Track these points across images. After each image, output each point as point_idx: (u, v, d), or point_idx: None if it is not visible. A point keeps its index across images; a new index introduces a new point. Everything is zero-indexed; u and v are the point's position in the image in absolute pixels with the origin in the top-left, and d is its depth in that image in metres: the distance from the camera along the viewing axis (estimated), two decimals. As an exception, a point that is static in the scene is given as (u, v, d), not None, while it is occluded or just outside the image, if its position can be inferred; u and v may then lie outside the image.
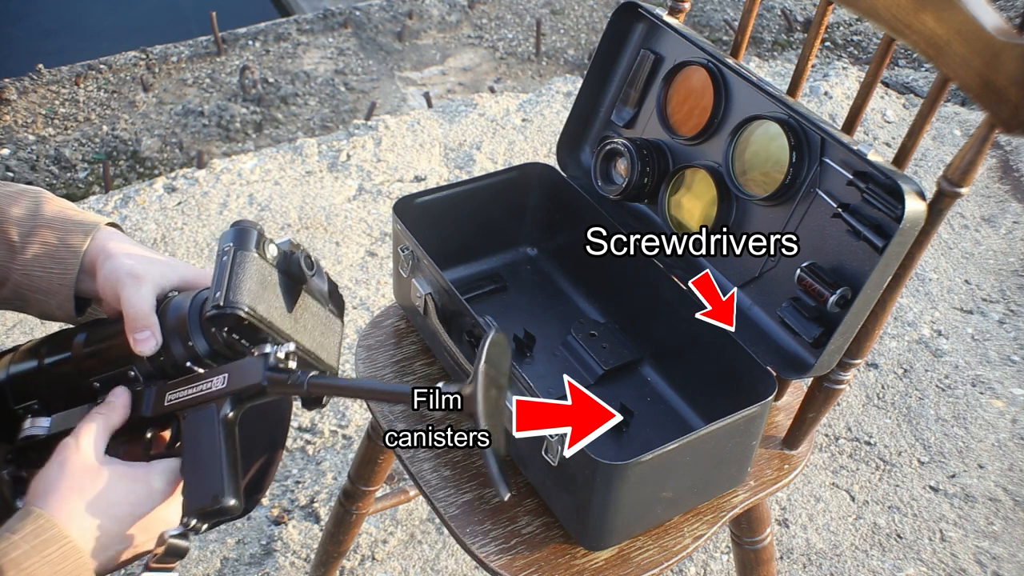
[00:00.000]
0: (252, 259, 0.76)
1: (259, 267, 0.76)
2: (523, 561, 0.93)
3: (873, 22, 0.92)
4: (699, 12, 3.52)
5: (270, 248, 0.78)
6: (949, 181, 0.86)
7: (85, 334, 0.83)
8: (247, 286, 0.75)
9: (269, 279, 0.77)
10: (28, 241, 0.84)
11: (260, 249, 0.77)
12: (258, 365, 0.74)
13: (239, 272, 0.75)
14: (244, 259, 0.75)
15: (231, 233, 0.77)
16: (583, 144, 1.21)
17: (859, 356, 0.97)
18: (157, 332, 0.79)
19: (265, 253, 0.78)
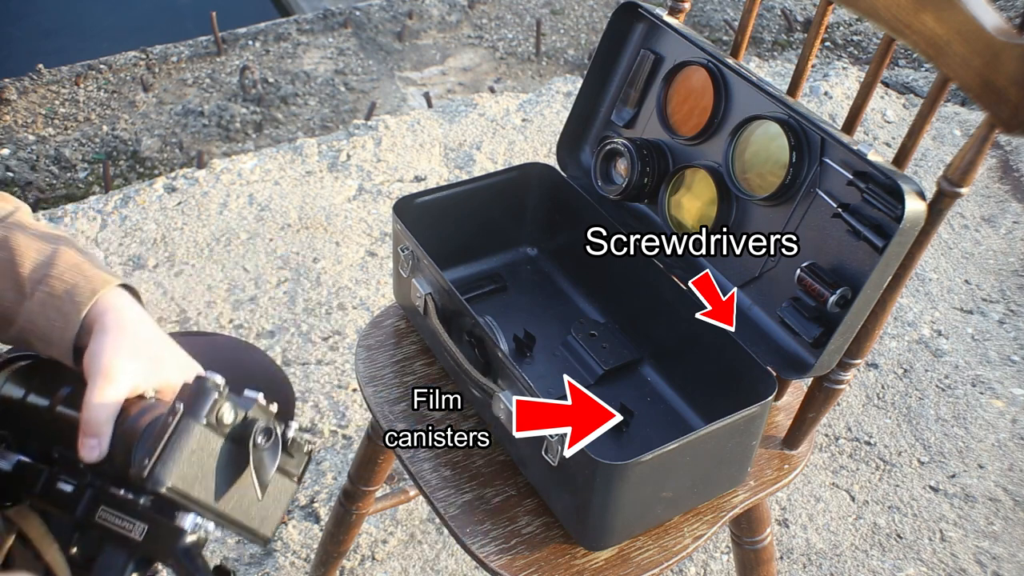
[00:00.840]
0: (195, 431, 0.71)
1: (201, 440, 0.72)
2: (523, 561, 0.93)
3: (873, 22, 0.92)
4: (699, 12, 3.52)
5: (226, 414, 0.73)
6: (949, 181, 0.86)
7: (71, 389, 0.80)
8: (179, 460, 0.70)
9: (209, 454, 0.72)
10: (37, 288, 0.83)
11: (212, 416, 0.72)
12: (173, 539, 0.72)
13: (176, 443, 0.70)
14: (187, 429, 0.71)
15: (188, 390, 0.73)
16: (583, 144, 1.21)
17: (859, 356, 0.97)
18: (104, 444, 0.76)
19: (220, 419, 0.73)
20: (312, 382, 1.90)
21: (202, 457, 0.72)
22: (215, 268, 2.14)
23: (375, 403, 1.09)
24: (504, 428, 0.96)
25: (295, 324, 2.02)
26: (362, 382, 1.12)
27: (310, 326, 2.01)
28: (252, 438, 0.74)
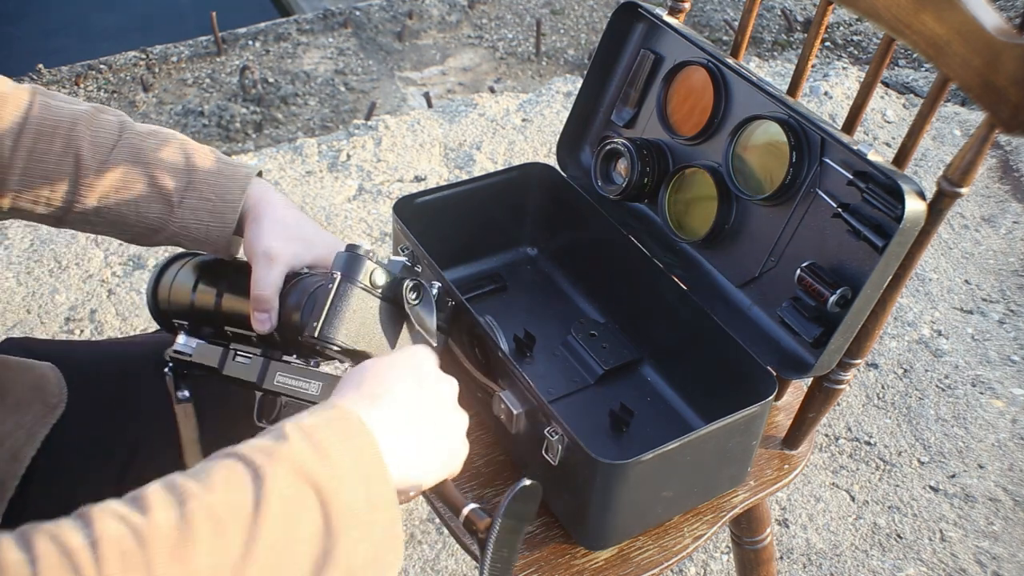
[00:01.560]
0: (355, 292, 0.79)
1: (361, 299, 0.80)
2: (523, 561, 0.93)
3: (873, 22, 0.92)
4: (699, 12, 3.52)
5: (377, 276, 0.81)
6: (949, 181, 0.86)
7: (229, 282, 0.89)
8: (344, 319, 0.79)
9: (370, 311, 0.81)
10: (185, 195, 0.88)
11: (367, 278, 0.80)
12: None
13: (339, 304, 0.78)
14: (347, 292, 0.79)
15: (341, 259, 0.80)
16: (583, 144, 1.21)
17: (859, 356, 0.97)
18: (274, 316, 0.84)
19: (373, 282, 0.80)
20: (312, 382, 1.89)
21: (363, 315, 0.80)
22: (215, 268, 2.14)
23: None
24: (504, 428, 0.96)
25: (295, 324, 2.02)
26: (362, 382, 1.12)
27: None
28: (405, 294, 0.82)
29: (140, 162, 0.87)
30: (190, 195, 0.88)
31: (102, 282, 2.09)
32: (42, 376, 0.91)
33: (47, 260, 2.13)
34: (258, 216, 0.88)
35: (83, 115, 0.87)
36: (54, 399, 0.90)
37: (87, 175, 0.86)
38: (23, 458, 0.87)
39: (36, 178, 0.86)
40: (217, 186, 0.89)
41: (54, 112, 0.87)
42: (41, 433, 0.88)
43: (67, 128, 0.86)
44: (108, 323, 1.99)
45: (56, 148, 0.86)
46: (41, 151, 0.86)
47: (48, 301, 2.04)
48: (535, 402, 0.90)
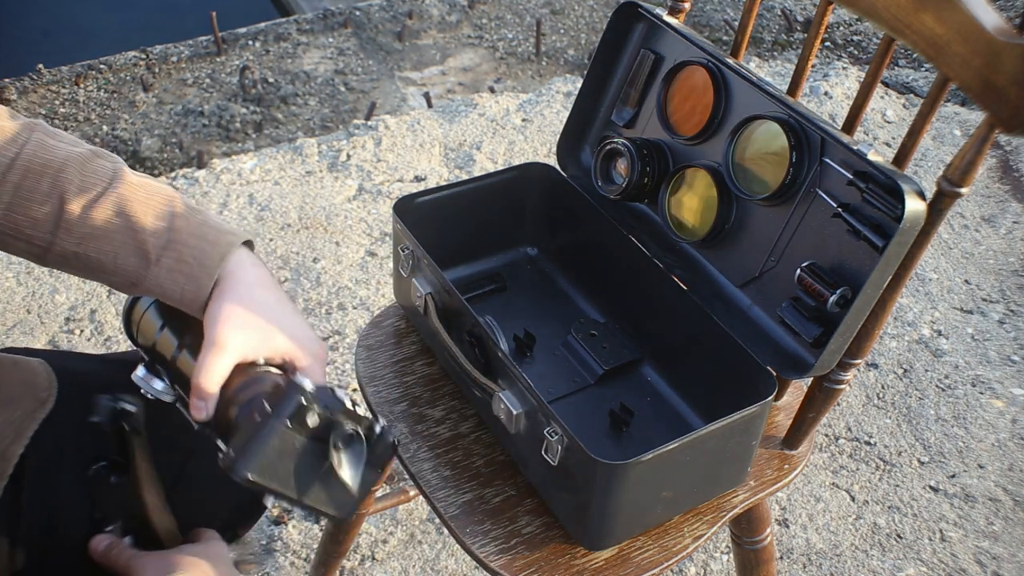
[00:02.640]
0: (278, 431, 0.76)
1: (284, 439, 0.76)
2: (523, 561, 0.93)
3: (873, 22, 0.92)
4: (699, 12, 3.52)
5: (309, 418, 0.77)
6: (949, 181, 0.86)
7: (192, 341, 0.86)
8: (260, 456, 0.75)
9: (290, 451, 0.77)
10: (164, 254, 0.85)
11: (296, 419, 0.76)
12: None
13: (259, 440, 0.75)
14: (271, 429, 0.76)
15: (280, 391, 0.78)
16: (583, 144, 1.21)
17: (859, 356, 0.97)
18: (211, 407, 0.81)
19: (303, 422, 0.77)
20: (312, 382, 1.89)
21: (283, 454, 0.76)
22: (215, 268, 2.14)
23: (375, 403, 1.09)
24: (504, 428, 0.96)
25: (295, 324, 2.01)
26: (362, 382, 1.12)
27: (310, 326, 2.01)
28: (333, 442, 0.78)
29: (123, 213, 0.85)
30: (168, 255, 0.85)
31: (102, 282, 2.09)
32: (32, 371, 0.91)
33: (47, 260, 2.13)
34: (222, 293, 0.85)
35: (76, 158, 0.86)
36: (44, 393, 0.90)
37: (69, 218, 0.84)
38: (11, 456, 0.86)
39: (19, 215, 0.84)
40: (197, 250, 0.85)
41: (48, 151, 0.85)
42: (30, 429, 0.88)
43: (56, 169, 0.85)
44: (108, 323, 1.99)
45: (43, 188, 0.84)
46: (27, 189, 0.84)
47: (48, 301, 2.04)
48: (535, 402, 0.90)
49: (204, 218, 0.88)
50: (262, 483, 0.76)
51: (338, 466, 0.79)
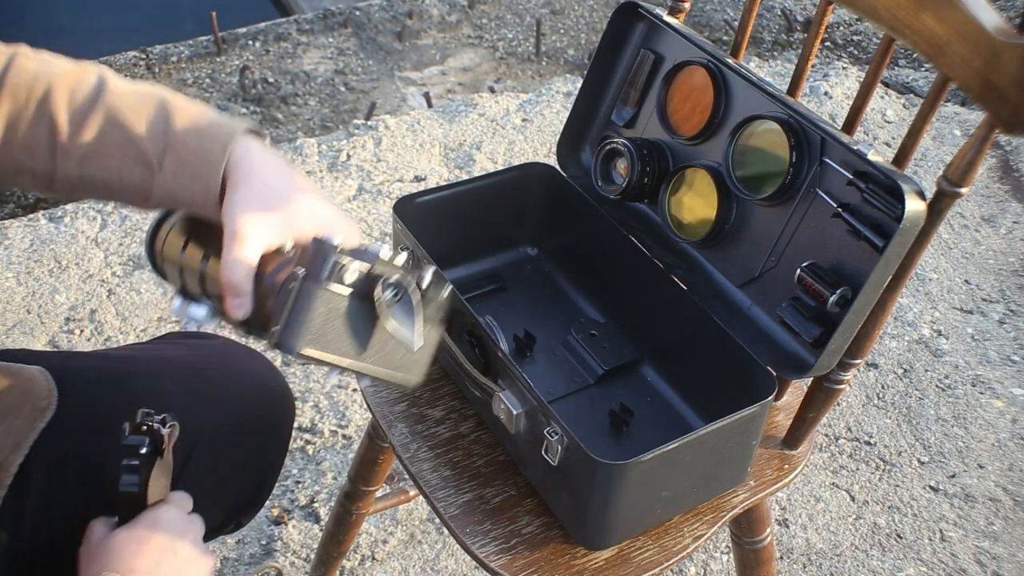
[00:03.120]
0: (319, 295, 0.71)
1: (326, 302, 0.71)
2: (523, 561, 0.93)
3: (873, 22, 0.92)
4: (699, 12, 3.52)
5: (347, 274, 0.72)
6: (949, 181, 0.86)
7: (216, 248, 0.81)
8: (307, 326, 0.70)
9: (337, 314, 0.72)
10: (165, 158, 0.81)
11: (333, 277, 0.71)
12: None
13: (302, 309, 0.70)
14: (310, 293, 0.70)
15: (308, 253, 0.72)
16: (583, 144, 1.21)
17: (859, 356, 0.97)
18: (247, 302, 0.78)
19: (342, 280, 0.72)
20: (312, 382, 1.90)
21: (330, 319, 0.71)
22: (215, 268, 2.14)
23: (375, 403, 1.09)
24: (504, 428, 0.96)
25: (295, 324, 2.01)
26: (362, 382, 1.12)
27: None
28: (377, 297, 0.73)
29: (116, 124, 0.81)
30: (169, 158, 0.81)
31: (102, 282, 2.09)
32: (31, 380, 0.90)
33: (47, 260, 2.13)
34: (235, 184, 0.80)
35: (60, 77, 0.82)
36: (43, 402, 0.89)
37: (63, 141, 0.81)
38: (9, 466, 0.86)
39: (14, 146, 0.81)
40: (197, 148, 0.81)
41: (30, 74, 0.81)
42: (29, 439, 0.87)
43: (42, 91, 0.81)
44: (108, 323, 1.99)
45: (30, 114, 0.81)
46: (15, 117, 0.81)
47: (48, 301, 2.04)
48: (535, 402, 0.90)
49: (200, 112, 0.83)
50: (317, 355, 0.71)
51: (390, 322, 0.73)
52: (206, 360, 1.04)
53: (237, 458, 1.01)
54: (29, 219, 2.24)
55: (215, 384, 1.01)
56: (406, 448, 1.04)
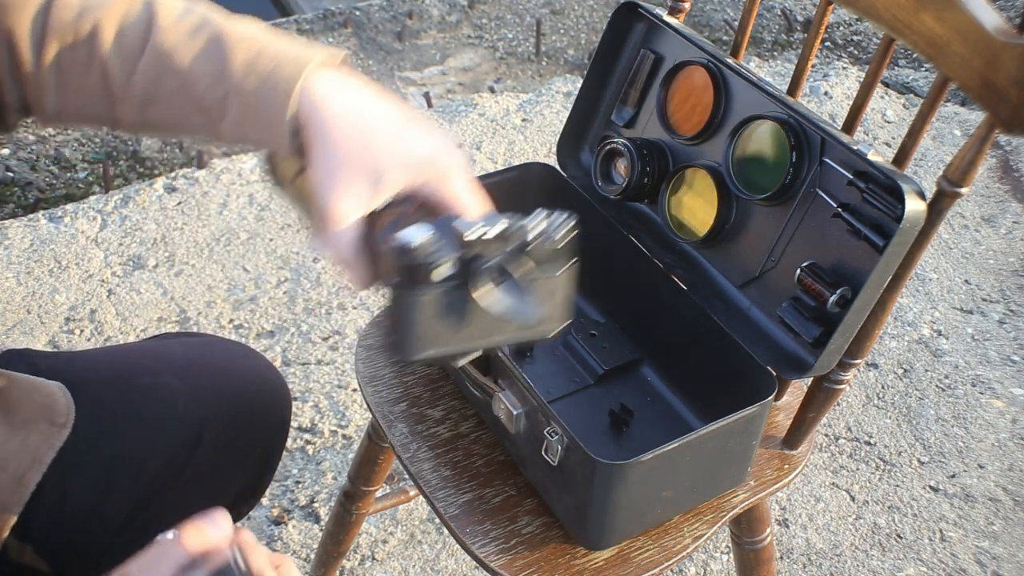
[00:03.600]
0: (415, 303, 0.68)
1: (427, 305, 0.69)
2: (523, 561, 0.93)
3: (873, 22, 0.92)
4: (699, 12, 3.52)
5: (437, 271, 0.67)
6: (949, 181, 0.86)
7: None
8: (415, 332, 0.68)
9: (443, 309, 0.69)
10: (226, 107, 0.73)
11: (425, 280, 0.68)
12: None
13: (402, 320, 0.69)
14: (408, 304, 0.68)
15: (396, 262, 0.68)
16: (583, 144, 1.21)
17: (859, 356, 0.97)
18: (363, 274, 0.73)
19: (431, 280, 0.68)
20: (312, 382, 1.90)
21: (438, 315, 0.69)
22: (215, 268, 2.14)
23: (375, 403, 1.09)
24: (504, 428, 0.96)
25: (295, 324, 2.02)
26: (362, 382, 1.12)
27: (310, 326, 2.01)
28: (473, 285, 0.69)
29: (169, 69, 0.72)
30: (232, 107, 0.72)
31: (102, 282, 2.09)
32: (51, 395, 0.89)
33: (47, 260, 2.13)
34: (312, 142, 0.71)
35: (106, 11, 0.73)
36: (61, 419, 0.88)
37: (117, 91, 0.74)
38: (28, 483, 0.85)
39: (69, 92, 0.74)
40: (259, 96, 0.71)
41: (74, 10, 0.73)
42: (47, 456, 0.87)
43: (88, 31, 0.72)
44: (108, 323, 1.99)
45: (80, 58, 0.73)
46: (67, 62, 0.73)
47: (48, 301, 2.04)
48: (535, 402, 0.90)
49: (260, 47, 0.73)
50: (438, 353, 0.69)
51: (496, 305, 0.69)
52: (203, 356, 1.05)
53: (238, 450, 1.02)
54: (29, 219, 2.24)
55: (215, 379, 1.02)
56: (406, 448, 1.04)
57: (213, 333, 1.98)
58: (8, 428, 0.85)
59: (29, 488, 0.85)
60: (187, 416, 0.97)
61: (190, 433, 0.96)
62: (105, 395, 0.94)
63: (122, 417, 0.94)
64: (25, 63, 0.73)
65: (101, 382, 0.96)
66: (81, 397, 0.91)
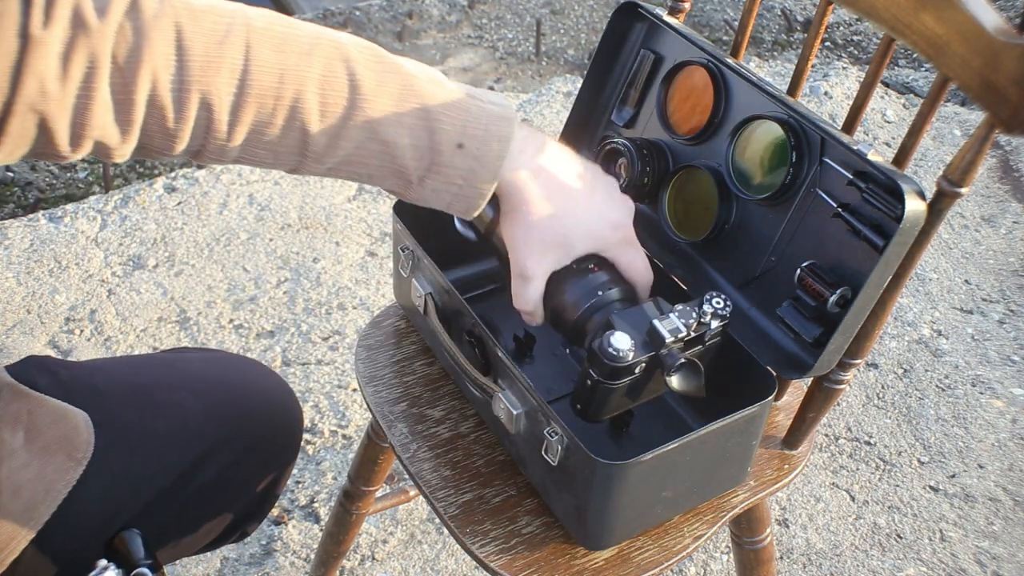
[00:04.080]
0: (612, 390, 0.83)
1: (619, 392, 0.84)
2: (523, 561, 0.93)
3: (873, 22, 0.92)
4: (699, 12, 3.52)
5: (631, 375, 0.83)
6: (949, 181, 0.86)
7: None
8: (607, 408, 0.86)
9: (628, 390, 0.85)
10: (427, 177, 0.78)
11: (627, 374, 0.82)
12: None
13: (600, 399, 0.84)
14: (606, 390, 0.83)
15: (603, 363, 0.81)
16: (583, 144, 1.21)
17: (859, 356, 0.97)
18: (540, 317, 0.88)
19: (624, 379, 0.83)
20: (312, 382, 1.90)
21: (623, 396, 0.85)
22: (215, 268, 2.14)
23: (375, 403, 1.09)
24: (504, 428, 0.96)
25: (295, 324, 2.02)
26: (362, 382, 1.12)
27: (310, 326, 2.01)
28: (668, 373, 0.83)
29: (375, 138, 0.76)
30: (432, 178, 0.78)
31: (102, 282, 2.09)
32: (75, 428, 0.88)
33: (47, 260, 2.13)
34: (511, 212, 0.81)
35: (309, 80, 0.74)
36: (80, 454, 0.87)
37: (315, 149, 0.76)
38: (39, 516, 0.84)
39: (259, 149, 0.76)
40: (464, 171, 0.77)
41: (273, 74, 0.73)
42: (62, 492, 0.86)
43: (291, 98, 0.74)
44: (108, 323, 1.99)
45: (280, 122, 0.74)
46: (264, 124, 0.74)
47: (48, 301, 2.04)
48: (535, 402, 0.90)
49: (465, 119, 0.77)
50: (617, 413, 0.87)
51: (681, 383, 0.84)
52: (219, 374, 1.05)
53: (246, 471, 1.02)
54: (29, 219, 2.24)
55: (228, 398, 1.02)
56: (406, 448, 1.04)
57: (214, 334, 1.98)
58: (28, 453, 0.85)
59: (40, 521, 0.84)
60: (198, 434, 0.96)
61: (200, 451, 0.96)
62: (121, 408, 0.94)
63: (135, 432, 0.93)
64: (220, 122, 0.73)
65: (118, 395, 0.95)
66: (98, 410, 0.91)
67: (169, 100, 0.71)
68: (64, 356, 1.93)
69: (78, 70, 0.67)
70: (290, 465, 1.08)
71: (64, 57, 0.67)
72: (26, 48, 0.65)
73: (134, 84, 0.69)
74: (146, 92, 0.70)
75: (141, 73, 0.69)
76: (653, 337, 0.83)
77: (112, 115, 0.70)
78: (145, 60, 0.69)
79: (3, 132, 0.67)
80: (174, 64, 0.70)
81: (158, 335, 1.98)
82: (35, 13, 0.65)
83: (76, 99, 0.68)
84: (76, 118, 0.69)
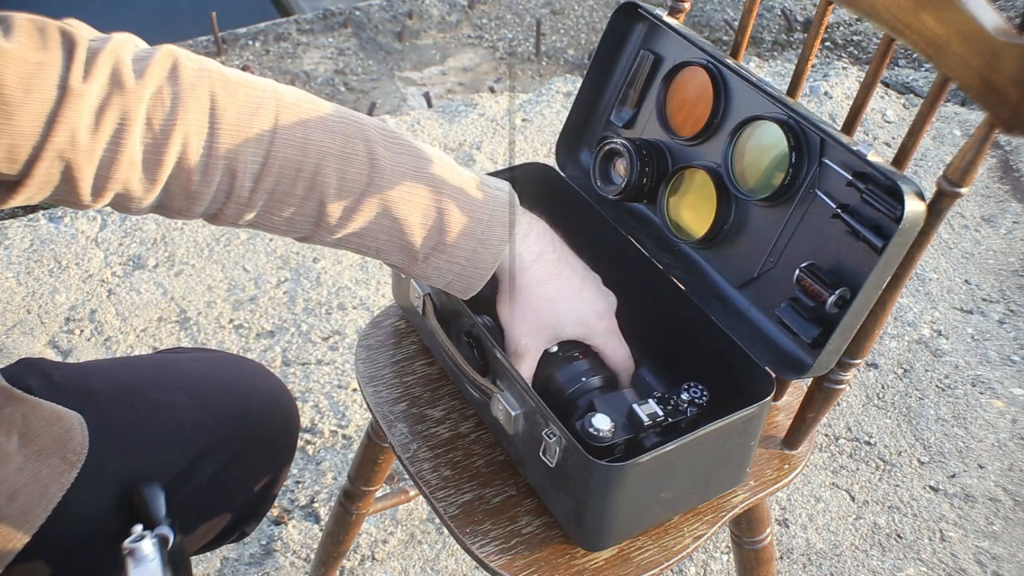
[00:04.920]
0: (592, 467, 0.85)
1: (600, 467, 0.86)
2: (523, 561, 0.93)
3: (873, 22, 0.92)
4: (699, 12, 3.52)
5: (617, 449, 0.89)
6: (949, 181, 0.86)
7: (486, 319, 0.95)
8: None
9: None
10: (432, 254, 0.84)
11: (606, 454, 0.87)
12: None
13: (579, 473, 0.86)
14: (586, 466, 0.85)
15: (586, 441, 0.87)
16: (582, 144, 1.21)
17: (859, 356, 0.97)
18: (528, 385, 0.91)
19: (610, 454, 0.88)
20: (312, 382, 1.90)
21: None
22: (215, 268, 2.14)
23: (375, 403, 1.09)
24: (503, 428, 0.96)
25: (295, 324, 2.02)
26: (362, 382, 1.12)
27: (310, 326, 2.01)
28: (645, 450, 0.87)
29: (388, 216, 0.80)
30: (437, 256, 0.83)
31: (102, 282, 2.09)
32: (69, 430, 0.89)
33: (47, 260, 2.13)
34: (508, 293, 0.88)
35: (331, 152, 0.78)
36: (74, 456, 0.88)
37: (329, 221, 0.80)
38: (34, 519, 0.85)
39: (274, 216, 0.79)
40: (468, 252, 0.83)
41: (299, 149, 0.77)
42: (57, 495, 0.86)
43: (312, 171, 0.77)
44: (108, 323, 1.99)
45: (298, 192, 0.78)
46: (281, 193, 0.78)
47: (48, 301, 2.04)
48: (533, 403, 0.90)
49: (472, 205, 0.83)
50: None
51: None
52: (216, 374, 1.05)
53: (244, 472, 1.02)
54: (29, 219, 2.24)
55: (224, 398, 1.02)
56: (406, 448, 1.04)
57: (214, 334, 1.98)
58: (23, 457, 0.85)
59: (35, 524, 0.85)
60: (194, 434, 0.96)
61: (196, 451, 0.96)
62: (115, 409, 0.94)
63: (130, 432, 0.93)
64: (241, 188, 0.77)
65: (112, 395, 0.95)
66: (92, 410, 0.91)
67: (197, 164, 0.74)
68: (64, 356, 1.93)
69: (110, 125, 0.70)
70: (287, 464, 1.09)
71: (98, 111, 0.70)
72: (63, 98, 0.68)
73: (166, 146, 0.72)
74: (176, 155, 0.73)
75: (174, 136, 0.72)
76: (632, 420, 0.88)
77: (139, 172, 0.73)
78: (179, 124, 0.72)
79: (29, 175, 0.70)
80: (207, 131, 0.74)
81: (158, 335, 1.98)
82: (76, 67, 0.69)
83: (104, 152, 0.71)
84: (101, 170, 0.72)
